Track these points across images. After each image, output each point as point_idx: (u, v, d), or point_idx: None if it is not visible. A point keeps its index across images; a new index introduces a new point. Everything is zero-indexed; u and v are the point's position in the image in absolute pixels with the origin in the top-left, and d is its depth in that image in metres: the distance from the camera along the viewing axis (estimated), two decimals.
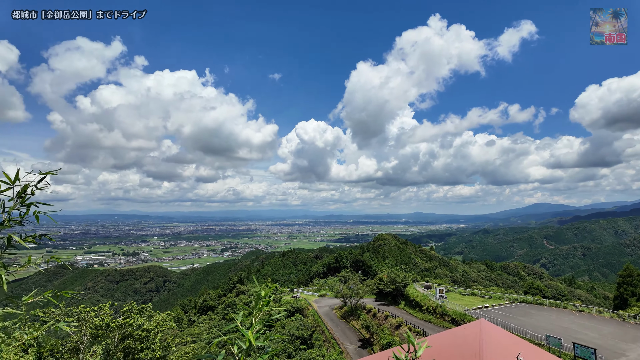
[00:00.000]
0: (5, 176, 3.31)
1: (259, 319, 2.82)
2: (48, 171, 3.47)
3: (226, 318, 62.06)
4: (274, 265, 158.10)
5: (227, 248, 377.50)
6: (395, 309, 53.36)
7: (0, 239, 3.37)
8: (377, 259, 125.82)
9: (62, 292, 3.73)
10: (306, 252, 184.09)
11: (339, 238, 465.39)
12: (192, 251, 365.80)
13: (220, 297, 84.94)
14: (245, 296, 71.57)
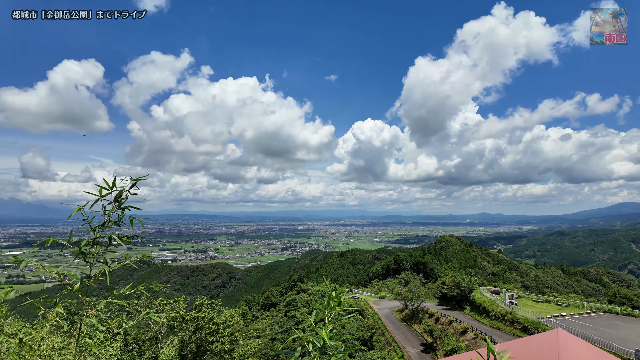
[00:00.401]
0: (105, 183, 3.79)
1: (332, 318, 2.92)
2: (138, 177, 3.91)
3: (288, 315, 63.76)
4: (333, 265, 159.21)
5: (287, 247, 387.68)
6: (459, 314, 51.06)
7: (103, 239, 3.87)
8: (439, 261, 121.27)
9: (152, 286, 4.16)
10: (364, 253, 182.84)
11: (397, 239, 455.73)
12: (254, 249, 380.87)
13: (282, 295, 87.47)
14: (306, 295, 72.97)
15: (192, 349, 17.43)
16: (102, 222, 3.84)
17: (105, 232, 3.86)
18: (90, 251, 3.79)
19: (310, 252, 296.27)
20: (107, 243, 3.83)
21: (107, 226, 3.86)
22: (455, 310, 54.98)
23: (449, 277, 63.52)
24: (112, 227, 3.89)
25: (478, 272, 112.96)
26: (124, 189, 3.86)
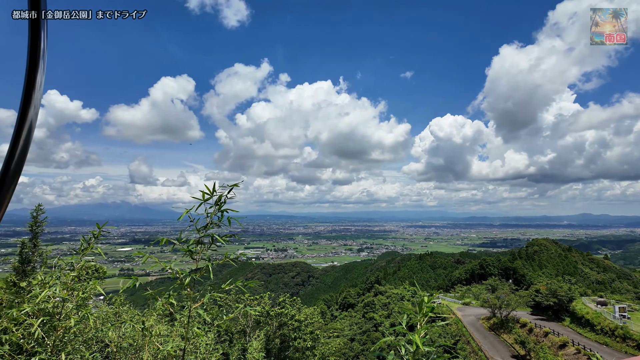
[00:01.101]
0: (207, 188, 4.21)
1: (424, 323, 2.88)
2: (234, 183, 4.26)
3: (366, 317, 63.50)
4: (411, 268, 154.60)
5: (363, 248, 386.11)
6: (557, 326, 46.09)
7: (206, 238, 4.30)
8: (532, 267, 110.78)
9: (248, 283, 4.50)
10: (445, 256, 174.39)
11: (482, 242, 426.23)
12: (331, 249, 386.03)
13: (359, 296, 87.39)
14: (384, 297, 71.96)
15: (276, 343, 18.35)
16: (205, 224, 4.28)
17: (207, 232, 4.28)
18: (196, 249, 4.24)
19: (387, 254, 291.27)
20: (209, 242, 4.25)
21: (209, 227, 4.28)
22: (551, 321, 49.76)
23: (543, 284, 57.70)
24: (214, 228, 4.31)
25: (579, 280, 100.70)
26: (223, 194, 4.24)
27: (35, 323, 4.79)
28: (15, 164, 1.55)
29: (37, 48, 1.64)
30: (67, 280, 5.45)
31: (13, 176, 1.54)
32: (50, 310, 5.27)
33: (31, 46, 1.65)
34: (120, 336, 8.56)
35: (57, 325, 5.20)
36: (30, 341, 5.24)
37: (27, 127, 1.58)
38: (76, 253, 5.36)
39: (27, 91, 1.62)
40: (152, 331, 7.11)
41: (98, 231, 5.29)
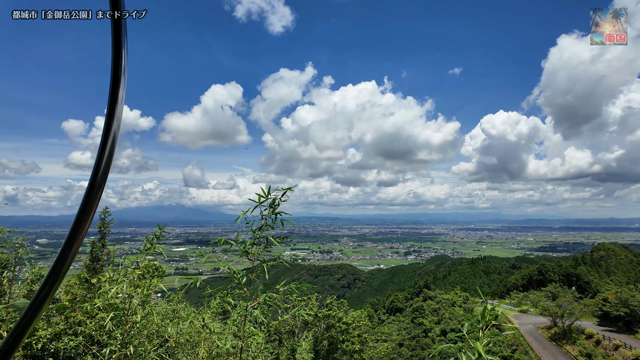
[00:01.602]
0: (262, 192, 4.35)
1: (487, 332, 2.75)
2: (288, 187, 4.36)
3: (415, 322, 61.96)
4: (462, 273, 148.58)
5: (410, 251, 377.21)
6: (629, 339, 42.07)
7: (260, 239, 4.44)
8: (598, 274, 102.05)
9: (301, 285, 4.58)
10: (500, 261, 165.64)
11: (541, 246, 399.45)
12: (377, 252, 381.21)
13: (407, 300, 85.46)
14: (433, 302, 69.80)
15: (324, 345, 18.43)
16: (259, 225, 4.42)
17: (262, 234, 4.42)
18: (252, 250, 4.39)
19: (436, 258, 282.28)
20: (264, 243, 4.38)
21: (264, 229, 4.42)
22: (622, 333, 45.49)
23: (612, 292, 52.92)
24: (268, 230, 4.44)
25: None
26: (276, 197, 4.36)
27: (107, 317, 5.20)
28: (102, 172, 1.68)
29: (119, 66, 1.76)
30: (133, 278, 5.87)
31: (100, 184, 1.68)
32: (119, 305, 5.69)
33: (114, 64, 1.78)
34: (178, 332, 9.03)
35: (125, 320, 5.60)
36: (102, 333, 5.69)
37: (112, 139, 1.71)
38: (140, 252, 5.76)
39: (111, 105, 1.75)
40: (211, 328, 7.43)
41: (159, 232, 5.64)
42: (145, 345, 6.88)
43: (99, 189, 1.66)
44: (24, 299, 8.98)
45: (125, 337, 5.54)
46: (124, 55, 1.74)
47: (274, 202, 4.36)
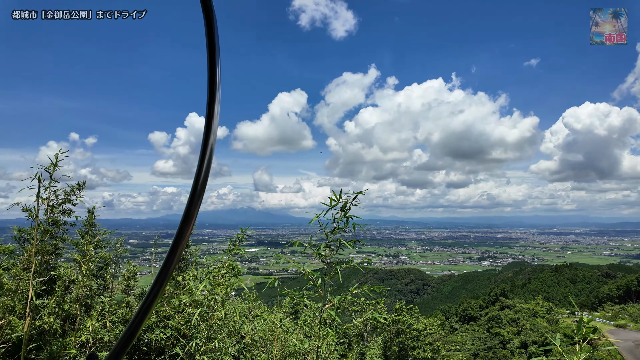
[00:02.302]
0: (334, 195, 4.44)
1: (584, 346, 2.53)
2: (359, 191, 4.41)
3: (491, 332, 58.13)
4: (544, 281, 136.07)
5: (484, 257, 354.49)
6: None
7: (333, 243, 4.54)
8: None
9: (374, 287, 4.59)
10: (589, 269, 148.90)
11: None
12: (447, 257, 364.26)
13: (482, 309, 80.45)
14: (512, 312, 64.87)
15: (394, 351, 18.07)
16: (332, 229, 4.52)
17: (335, 237, 4.52)
18: (325, 253, 4.50)
19: (514, 264, 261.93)
20: (337, 246, 4.47)
21: (336, 232, 4.52)
22: None
23: None
24: (340, 233, 4.53)
25: None
26: (347, 200, 4.44)
27: (195, 312, 5.67)
28: (202, 182, 1.85)
29: (215, 83, 1.93)
30: (217, 276, 6.33)
31: (200, 193, 1.86)
32: (203, 302, 6.17)
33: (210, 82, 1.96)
34: (253, 330, 9.49)
35: (209, 316, 6.06)
36: (190, 327, 6.21)
37: (209, 151, 1.88)
38: (224, 252, 6.20)
39: (208, 120, 1.93)
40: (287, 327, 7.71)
41: (242, 235, 6.03)
42: (225, 340, 7.36)
43: (199, 198, 1.84)
44: (122, 294, 10.09)
45: (209, 332, 5.99)
46: (218, 73, 1.92)
47: (345, 205, 4.43)
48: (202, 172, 1.88)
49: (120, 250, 9.94)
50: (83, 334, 6.85)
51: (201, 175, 1.87)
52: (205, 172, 1.90)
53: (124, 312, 8.66)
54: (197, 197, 1.87)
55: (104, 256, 9.51)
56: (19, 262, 6.93)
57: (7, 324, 6.17)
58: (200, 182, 1.88)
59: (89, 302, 8.50)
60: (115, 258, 9.92)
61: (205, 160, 1.89)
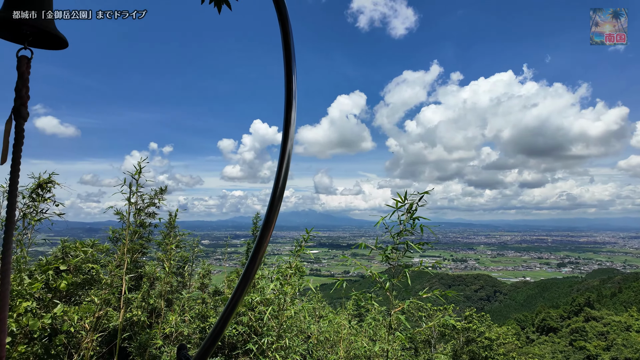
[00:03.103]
0: (399, 196, 4.39)
1: None
2: (425, 191, 4.31)
3: (574, 345, 52.89)
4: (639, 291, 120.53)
5: (564, 263, 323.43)
6: None
7: (400, 245, 4.49)
8: None
9: (446, 292, 4.45)
10: None
11: None
12: (521, 263, 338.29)
13: (563, 319, 73.49)
14: (599, 324, 58.42)
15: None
16: (398, 231, 4.46)
17: (402, 239, 4.46)
18: (392, 255, 4.46)
19: (600, 271, 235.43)
20: (404, 249, 4.41)
21: (403, 234, 4.45)
22: None
23: None
24: (407, 235, 4.45)
25: None
26: (414, 202, 4.35)
27: (266, 310, 5.94)
28: (280, 187, 1.96)
29: (291, 90, 2.03)
30: (286, 276, 6.56)
31: (279, 197, 1.96)
32: (274, 300, 6.43)
33: (287, 89, 2.06)
34: (318, 330, 9.64)
35: (279, 314, 6.30)
36: (262, 325, 6.50)
37: (287, 157, 1.98)
38: (291, 253, 6.42)
39: (286, 126, 2.03)
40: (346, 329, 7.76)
41: (307, 235, 6.19)
42: (294, 339, 7.58)
43: (278, 202, 1.95)
44: (198, 291, 10.83)
45: (280, 330, 6.23)
46: (294, 81, 2.03)
47: (411, 207, 4.35)
48: (281, 178, 1.99)
49: (196, 249, 10.73)
50: (167, 327, 7.48)
51: (280, 181, 1.98)
52: (284, 177, 2.00)
53: (200, 308, 9.30)
54: (276, 201, 1.98)
55: (182, 255, 10.31)
56: (113, 259, 7.78)
57: (104, 314, 6.95)
58: (279, 187, 1.99)
59: (170, 297, 9.27)
60: (192, 257, 10.72)
61: (284, 166, 2.00)
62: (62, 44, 2.12)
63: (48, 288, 6.33)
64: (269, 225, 1.93)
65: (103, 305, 6.82)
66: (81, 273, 7.09)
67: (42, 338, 6.15)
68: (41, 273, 6.29)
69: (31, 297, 5.81)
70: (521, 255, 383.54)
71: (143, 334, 7.48)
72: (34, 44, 2.02)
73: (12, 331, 5.21)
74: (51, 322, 5.64)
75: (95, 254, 7.77)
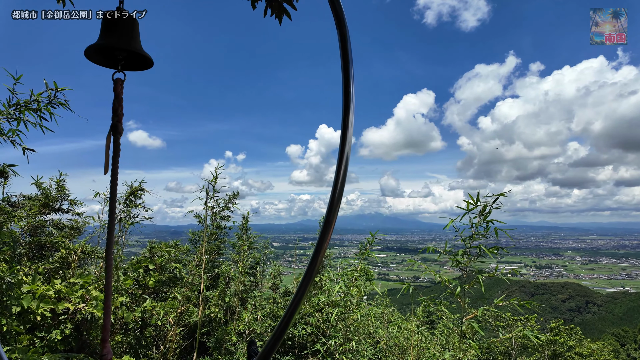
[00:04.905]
0: (470, 197, 4.15)
1: None
2: (501, 193, 4.02)
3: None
4: None
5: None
6: None
7: (472, 249, 4.24)
8: None
9: (525, 302, 4.11)
10: None
11: None
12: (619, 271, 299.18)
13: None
14: None
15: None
16: (470, 234, 4.22)
17: (474, 243, 4.21)
18: (463, 260, 4.23)
19: None
20: (477, 253, 4.16)
21: (475, 238, 4.20)
22: None
23: None
24: (480, 239, 4.19)
25: None
26: (487, 204, 4.09)
27: (333, 312, 6.00)
28: (339, 189, 1.97)
29: (349, 94, 2.04)
30: (351, 278, 6.57)
31: (338, 199, 1.97)
32: (340, 302, 6.47)
33: (344, 92, 2.08)
34: (387, 335, 9.46)
35: (346, 317, 6.31)
36: (329, 326, 6.56)
37: (345, 159, 1.99)
38: (355, 256, 6.42)
39: (344, 129, 2.04)
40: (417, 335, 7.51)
41: (372, 238, 6.14)
42: (362, 342, 7.53)
43: (337, 204, 1.96)
44: (269, 290, 11.26)
45: (347, 332, 6.24)
46: (352, 84, 2.04)
47: (485, 209, 4.09)
48: (339, 180, 2.00)
49: (267, 251, 11.20)
50: (241, 324, 7.90)
51: (338, 183, 1.99)
52: (342, 180, 2.01)
53: (271, 307, 9.66)
54: (335, 203, 1.99)
55: (255, 256, 10.84)
56: (193, 259, 8.42)
57: (186, 310, 7.55)
58: (338, 189, 2.00)
59: (244, 296, 9.76)
60: (263, 258, 11.20)
61: (342, 168, 2.01)
62: (149, 63, 2.40)
63: (138, 284, 7.06)
64: (328, 226, 1.95)
65: (185, 301, 7.40)
66: (166, 272, 7.79)
67: (134, 330, 6.87)
68: (133, 271, 7.04)
69: (125, 292, 6.52)
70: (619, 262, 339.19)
71: (220, 330, 7.99)
72: (125, 67, 2.30)
73: (111, 322, 5.89)
74: (141, 316, 6.27)
75: (177, 254, 8.50)
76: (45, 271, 6.39)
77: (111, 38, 2.08)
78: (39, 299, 5.15)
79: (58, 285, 5.51)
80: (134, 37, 2.17)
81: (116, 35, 2.09)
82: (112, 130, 1.87)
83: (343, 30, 2.08)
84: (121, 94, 1.96)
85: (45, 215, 7.01)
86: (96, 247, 7.40)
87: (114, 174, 1.87)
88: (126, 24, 2.11)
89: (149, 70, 2.38)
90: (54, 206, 6.97)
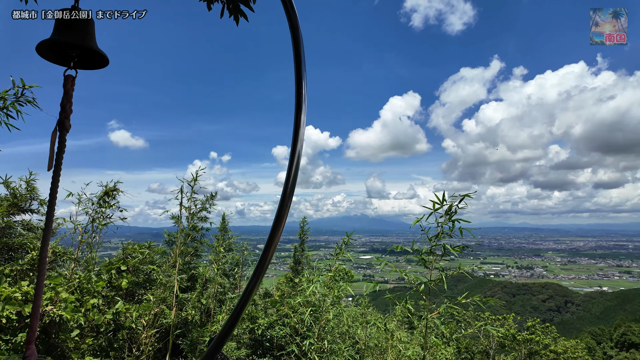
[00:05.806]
0: (437, 197, 4.26)
1: None
2: (466, 193, 4.14)
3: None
4: None
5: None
6: None
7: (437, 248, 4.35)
8: None
9: (488, 299, 4.23)
10: None
11: None
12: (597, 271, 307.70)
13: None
14: None
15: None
16: (436, 233, 4.33)
17: (439, 242, 4.32)
18: (429, 259, 4.33)
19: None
20: (442, 252, 4.26)
21: (441, 237, 4.31)
22: None
23: None
24: (445, 238, 4.30)
25: None
26: (452, 204, 4.20)
27: (306, 312, 6.03)
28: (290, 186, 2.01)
29: (301, 95, 2.09)
30: (326, 279, 6.62)
31: (289, 197, 2.02)
32: (315, 302, 6.51)
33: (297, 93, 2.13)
34: (367, 335, 9.53)
35: (320, 317, 6.35)
36: (303, 326, 6.59)
37: (297, 157, 2.03)
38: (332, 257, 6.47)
39: (295, 129, 2.10)
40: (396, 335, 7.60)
41: (347, 239, 6.21)
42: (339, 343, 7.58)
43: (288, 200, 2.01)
44: None
45: (320, 332, 6.28)
46: (304, 85, 2.09)
47: (450, 208, 4.20)
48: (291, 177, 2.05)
49: (246, 253, 11.16)
50: (215, 325, 7.86)
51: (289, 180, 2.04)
52: (293, 179, 2.06)
53: (250, 309, 9.64)
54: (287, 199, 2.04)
55: (233, 257, 10.79)
56: (168, 261, 8.35)
57: (160, 312, 7.47)
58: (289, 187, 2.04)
59: (221, 298, 9.71)
60: (242, 260, 11.17)
61: (293, 167, 2.06)
62: (104, 62, 2.38)
63: (111, 286, 6.95)
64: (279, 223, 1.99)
65: (159, 303, 7.33)
66: (141, 273, 7.70)
67: (107, 332, 6.77)
68: (105, 272, 6.94)
69: (98, 295, 6.42)
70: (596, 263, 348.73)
71: (194, 331, 7.93)
72: (80, 65, 2.29)
73: (81, 324, 5.78)
74: (113, 318, 6.18)
75: (152, 255, 8.40)
76: (14, 273, 6.25)
77: (64, 34, 2.08)
78: (4, 301, 5.04)
79: (25, 287, 5.39)
80: (88, 34, 2.16)
81: (69, 31, 2.08)
82: (58, 125, 1.87)
83: (296, 33, 2.14)
84: (71, 91, 1.96)
85: (14, 215, 6.85)
86: (69, 249, 7.27)
87: (57, 170, 1.87)
88: (80, 21, 2.10)
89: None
90: (23, 206, 6.80)
